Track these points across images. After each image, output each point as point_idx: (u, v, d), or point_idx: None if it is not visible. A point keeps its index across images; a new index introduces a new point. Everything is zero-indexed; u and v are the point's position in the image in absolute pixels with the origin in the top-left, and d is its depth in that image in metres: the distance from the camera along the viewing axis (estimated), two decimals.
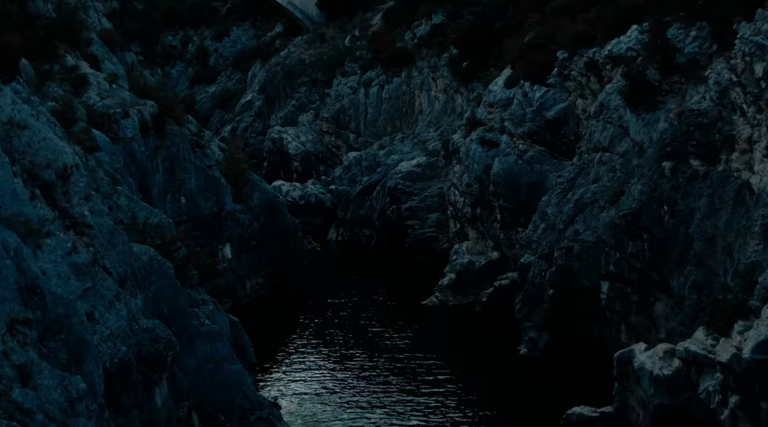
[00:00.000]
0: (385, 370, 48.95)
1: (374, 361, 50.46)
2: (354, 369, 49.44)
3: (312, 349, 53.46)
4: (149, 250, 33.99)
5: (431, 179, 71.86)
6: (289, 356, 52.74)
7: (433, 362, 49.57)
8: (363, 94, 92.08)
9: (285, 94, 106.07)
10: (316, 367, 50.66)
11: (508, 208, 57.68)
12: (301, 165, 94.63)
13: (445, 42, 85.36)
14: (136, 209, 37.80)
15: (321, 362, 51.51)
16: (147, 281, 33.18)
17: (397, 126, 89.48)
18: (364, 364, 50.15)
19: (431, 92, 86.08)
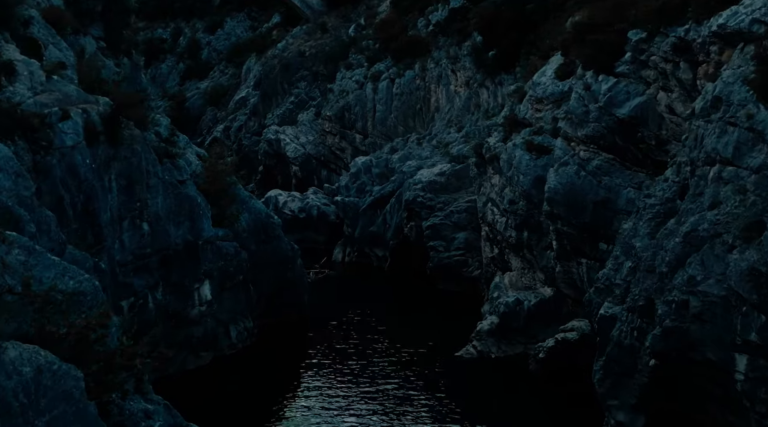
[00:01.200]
0: None
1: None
2: None
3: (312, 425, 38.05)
4: (39, 354, 18.50)
5: (457, 190, 56.38)
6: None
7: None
8: (370, 89, 76.46)
9: (283, 90, 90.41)
10: None
11: (567, 234, 42.26)
12: (301, 170, 79.07)
13: (466, 28, 69.77)
14: (37, 269, 22.27)
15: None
16: (30, 412, 17.76)
17: (411, 126, 73.95)
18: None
19: (450, 87, 70.51)
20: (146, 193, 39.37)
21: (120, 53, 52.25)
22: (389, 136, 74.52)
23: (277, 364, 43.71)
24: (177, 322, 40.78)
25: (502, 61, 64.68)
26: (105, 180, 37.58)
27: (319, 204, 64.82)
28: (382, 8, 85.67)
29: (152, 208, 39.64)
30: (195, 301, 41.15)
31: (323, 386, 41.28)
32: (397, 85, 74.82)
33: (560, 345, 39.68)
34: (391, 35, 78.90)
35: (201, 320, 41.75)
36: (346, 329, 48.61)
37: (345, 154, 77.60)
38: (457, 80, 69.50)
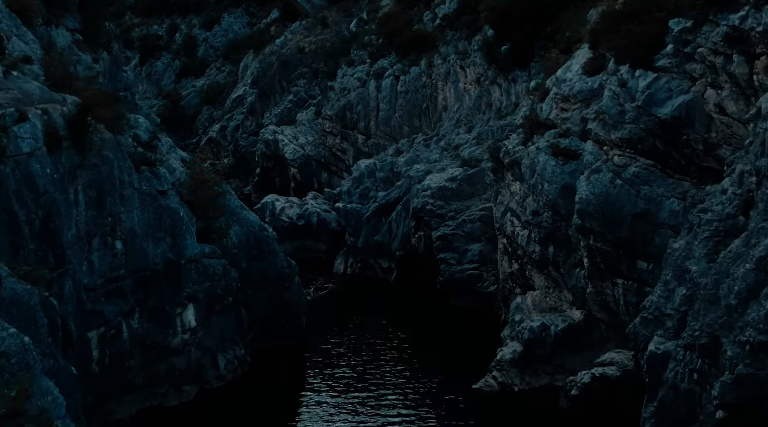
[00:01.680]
0: None
1: None
2: None
3: None
4: None
5: (470, 197, 50.36)
6: None
7: None
8: (373, 87, 70.39)
9: (281, 88, 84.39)
10: None
11: (601, 250, 36.27)
12: (300, 172, 73.01)
13: (476, 22, 63.73)
14: None
15: None
16: None
17: (416, 126, 67.92)
18: None
19: (459, 84, 64.46)
20: (119, 207, 33.37)
21: (98, 47, 46.12)
22: (393, 137, 68.51)
23: (271, 396, 37.73)
24: (156, 353, 34.80)
25: (516, 57, 58.66)
26: (70, 192, 31.59)
27: (319, 210, 58.83)
28: (385, 1, 79.55)
29: (126, 223, 33.64)
30: (177, 328, 35.17)
31: (323, 421, 35.34)
32: (402, 83, 68.82)
33: (597, 382, 33.61)
34: (395, 30, 72.88)
35: (184, 349, 35.73)
36: (349, 353, 42.62)
37: (346, 155, 71.60)
38: (467, 77, 63.47)
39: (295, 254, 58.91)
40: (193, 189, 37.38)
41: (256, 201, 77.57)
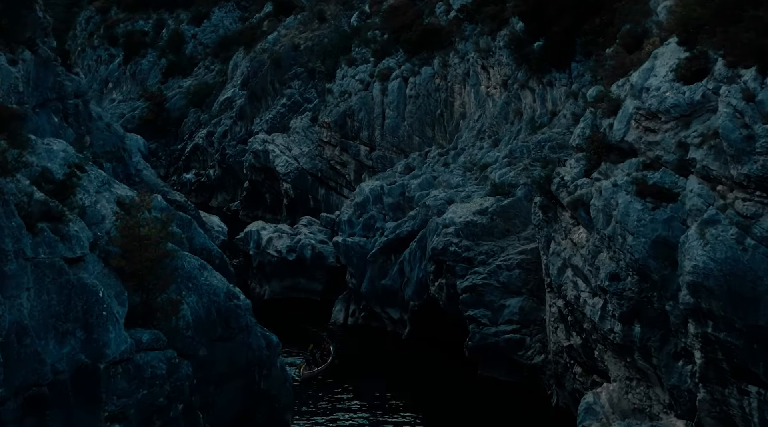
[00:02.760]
0: None
1: None
2: None
3: None
4: None
5: (505, 236, 37.28)
6: None
7: None
8: (378, 90, 57.27)
9: (273, 89, 71.26)
10: None
11: (725, 344, 23.26)
12: (294, 188, 59.94)
13: (501, 14, 50.60)
14: None
15: None
16: None
17: (429, 136, 54.87)
18: None
19: (481, 88, 51.34)
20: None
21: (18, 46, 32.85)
22: (402, 150, 55.43)
23: None
24: None
25: (553, 55, 45.64)
26: None
27: (313, 242, 45.76)
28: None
29: (11, 315, 20.62)
30: None
31: None
32: (412, 86, 55.69)
33: None
34: (402, 24, 59.70)
35: None
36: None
37: (347, 169, 58.54)
38: (490, 79, 50.37)
39: (284, 296, 46.20)
40: (125, 248, 24.41)
41: (245, 219, 64.55)
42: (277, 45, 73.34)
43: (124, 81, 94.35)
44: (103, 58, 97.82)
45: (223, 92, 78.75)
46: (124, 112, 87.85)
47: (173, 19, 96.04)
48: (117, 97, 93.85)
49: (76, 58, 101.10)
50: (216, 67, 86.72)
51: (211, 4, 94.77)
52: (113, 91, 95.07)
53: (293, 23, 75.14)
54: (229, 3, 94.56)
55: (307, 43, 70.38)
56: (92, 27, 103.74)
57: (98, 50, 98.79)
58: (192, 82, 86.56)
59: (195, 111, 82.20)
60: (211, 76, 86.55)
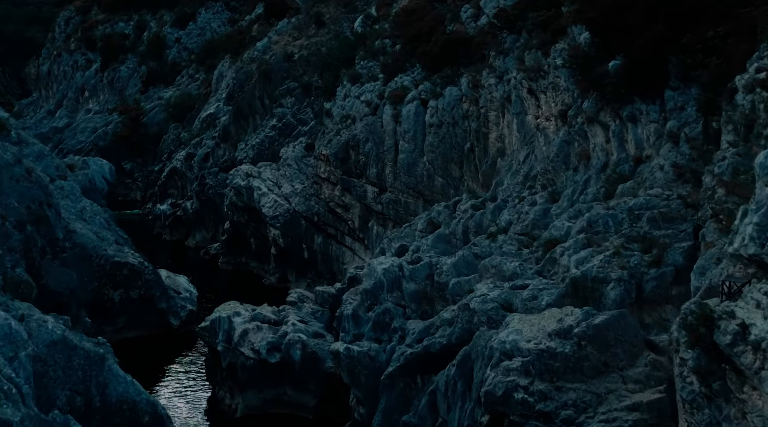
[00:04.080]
0: None
1: None
2: None
3: None
4: None
5: (601, 373, 22.31)
6: None
7: None
8: (389, 115, 42.19)
9: (262, 107, 56.07)
10: None
11: None
12: (284, 236, 44.88)
13: (556, 20, 35.50)
14: None
15: None
16: None
17: (455, 176, 39.73)
18: None
19: (527, 118, 36.20)
20: None
21: None
22: (421, 193, 40.40)
23: None
24: None
25: (636, 78, 30.54)
26: None
27: (304, 337, 30.66)
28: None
29: None
30: None
31: None
32: (433, 111, 40.64)
33: None
34: (419, 32, 44.56)
35: None
36: None
37: (351, 214, 43.50)
38: (541, 108, 35.30)
39: (263, 412, 31.17)
40: None
41: (225, 268, 49.51)
42: (268, 53, 58.12)
43: (101, 89, 79.06)
44: (80, 63, 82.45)
45: (205, 107, 63.57)
46: (96, 126, 72.67)
47: (156, 21, 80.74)
48: (93, 108, 78.54)
49: (52, 64, 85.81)
50: (200, 76, 71.58)
51: (198, 4, 79.55)
52: (89, 101, 79.72)
53: (286, 28, 59.93)
54: (217, 3, 79.28)
55: (302, 52, 55.21)
56: (71, 29, 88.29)
57: (75, 55, 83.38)
58: (173, 93, 71.41)
59: (175, 127, 67.10)
60: (194, 86, 71.39)
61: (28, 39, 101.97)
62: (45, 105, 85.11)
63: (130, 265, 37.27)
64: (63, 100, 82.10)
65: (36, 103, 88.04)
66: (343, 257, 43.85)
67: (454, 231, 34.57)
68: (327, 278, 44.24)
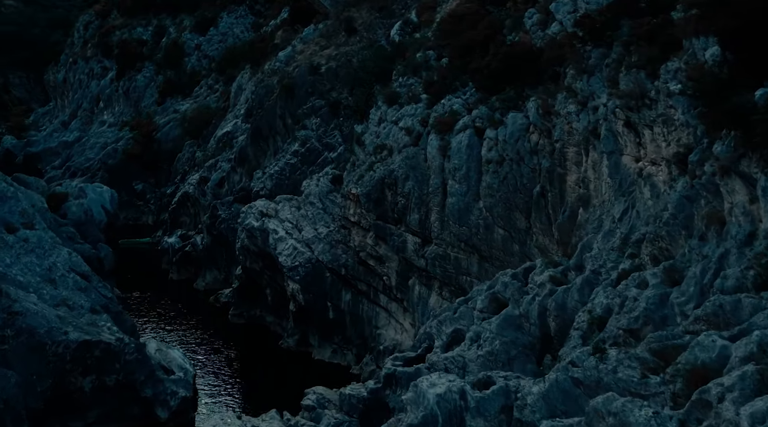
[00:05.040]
0: None
1: None
2: None
3: None
4: None
5: None
6: None
7: None
8: (435, 147, 31.84)
9: (284, 127, 45.93)
10: None
11: None
12: (304, 291, 34.71)
13: (665, 29, 25.01)
14: None
15: None
16: None
17: (521, 227, 29.31)
18: None
19: (624, 159, 25.68)
20: None
21: None
22: (476, 248, 30.07)
23: None
24: None
25: None
26: None
27: None
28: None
29: None
30: None
31: None
32: (491, 143, 30.28)
33: None
34: (471, 42, 34.08)
35: None
36: None
37: (387, 268, 33.22)
38: (646, 148, 24.73)
39: None
40: None
41: (236, 322, 39.50)
42: (291, 65, 47.98)
43: (116, 100, 69.49)
44: (96, 71, 72.92)
45: (222, 124, 53.64)
46: (107, 142, 63.05)
47: (175, 26, 70.94)
48: (107, 120, 68.96)
49: (68, 71, 76.40)
50: (220, 88, 61.67)
51: (220, 8, 69.60)
52: (104, 112, 70.17)
53: (312, 35, 49.73)
54: (240, 6, 69.23)
55: (329, 63, 44.99)
56: (90, 34, 78.78)
57: (91, 62, 73.88)
58: (190, 106, 61.60)
59: (191, 144, 57.38)
60: (213, 98, 61.51)
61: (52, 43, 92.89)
62: (60, 115, 75.76)
63: (104, 344, 27.36)
64: (78, 110, 72.68)
65: (52, 112, 78.81)
66: (376, 319, 33.70)
67: (528, 313, 24.32)
68: (356, 345, 34.16)
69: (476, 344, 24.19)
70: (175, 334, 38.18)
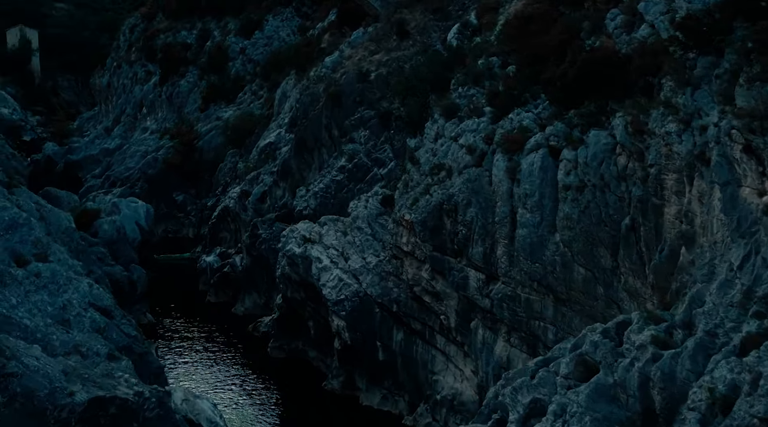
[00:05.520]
0: None
1: None
2: None
3: None
4: None
5: None
6: None
7: None
8: (502, 169, 26.82)
9: (330, 139, 41.22)
10: None
11: None
12: (350, 328, 29.91)
13: None
14: None
15: None
16: None
17: (606, 266, 24.12)
18: None
19: (743, 192, 20.38)
20: None
21: None
22: (551, 289, 24.99)
23: None
24: None
25: None
26: None
27: None
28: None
29: None
30: None
31: None
32: (569, 166, 25.18)
33: None
34: (543, 47, 28.92)
35: None
36: None
37: (445, 306, 28.25)
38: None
39: None
40: None
41: (277, 356, 34.89)
42: (338, 71, 43.26)
43: (159, 106, 65.46)
44: (139, 76, 69.00)
45: (265, 134, 49.20)
46: (147, 151, 59.04)
47: (220, 29, 66.71)
48: (150, 126, 64.99)
49: (112, 76, 72.79)
50: (264, 94, 57.20)
51: (265, 11, 65.16)
52: (147, 118, 66.27)
53: (361, 39, 44.94)
54: (287, 9, 64.68)
55: (380, 69, 40.16)
56: (135, 37, 75.03)
57: (135, 66, 69.99)
58: (233, 113, 57.26)
59: (233, 153, 53.06)
60: (257, 105, 57.05)
61: (100, 47, 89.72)
62: (104, 120, 72.16)
63: (120, 400, 22.88)
64: (121, 115, 68.92)
65: (96, 117, 75.28)
66: (432, 363, 28.79)
67: (625, 382, 19.24)
68: (409, 391, 29.31)
69: (561, 419, 19.18)
70: (209, 370, 33.76)
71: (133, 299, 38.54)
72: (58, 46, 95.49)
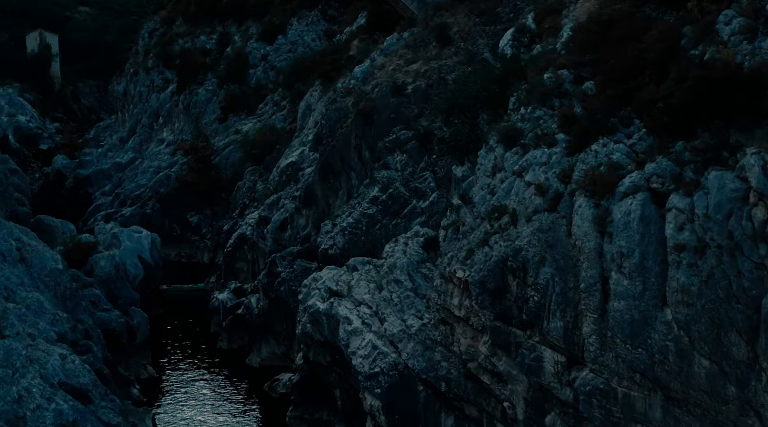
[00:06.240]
0: None
1: None
2: None
3: None
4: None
5: None
6: None
7: None
8: (587, 217, 19.77)
9: (359, 161, 34.29)
10: None
11: None
12: (387, 410, 23.11)
13: None
14: None
15: None
16: None
17: (738, 358, 17.14)
18: None
19: None
20: None
21: None
22: (661, 385, 17.93)
23: None
24: None
25: None
26: None
27: None
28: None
29: None
30: None
31: None
32: (682, 217, 18.10)
33: None
34: (635, 59, 21.80)
35: None
36: None
37: (509, 390, 21.28)
38: None
39: None
40: None
41: (297, 424, 28.00)
42: (369, 83, 36.17)
43: (176, 116, 58.88)
44: (157, 83, 62.51)
45: (287, 152, 42.35)
46: (160, 167, 52.47)
47: (241, 34, 60.03)
48: (167, 138, 58.45)
49: (128, 83, 66.41)
50: (286, 105, 50.42)
51: (290, 14, 58.34)
52: (163, 129, 59.77)
53: (396, 46, 37.78)
54: (312, 12, 57.85)
55: (417, 82, 33.07)
56: (153, 42, 68.58)
57: (152, 73, 63.47)
58: (254, 126, 50.55)
59: (252, 171, 46.26)
60: (279, 116, 50.32)
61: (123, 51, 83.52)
62: (120, 130, 65.82)
63: None
64: (137, 126, 62.47)
65: (113, 127, 68.99)
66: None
67: None
68: None
69: None
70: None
71: (131, 349, 32.04)
72: (79, 51, 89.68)
